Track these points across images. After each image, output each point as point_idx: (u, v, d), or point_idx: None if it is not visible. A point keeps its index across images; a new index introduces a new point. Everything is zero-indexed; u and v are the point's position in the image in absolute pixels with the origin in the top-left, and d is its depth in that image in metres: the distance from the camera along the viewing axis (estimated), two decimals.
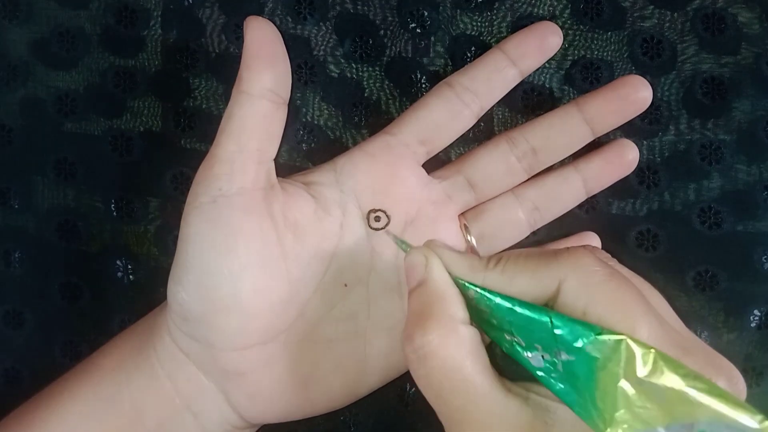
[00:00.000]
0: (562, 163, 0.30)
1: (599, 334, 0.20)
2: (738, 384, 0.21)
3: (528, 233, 0.30)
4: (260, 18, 0.26)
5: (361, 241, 0.28)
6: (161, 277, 0.27)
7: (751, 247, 0.31)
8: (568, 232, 0.31)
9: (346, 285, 0.28)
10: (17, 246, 0.34)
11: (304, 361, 0.28)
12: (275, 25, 0.29)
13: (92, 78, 0.32)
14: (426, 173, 0.29)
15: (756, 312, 0.31)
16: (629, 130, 0.30)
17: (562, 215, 0.30)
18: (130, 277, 0.33)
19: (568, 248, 0.22)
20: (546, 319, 0.21)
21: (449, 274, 0.23)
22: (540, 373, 0.22)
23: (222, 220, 0.26)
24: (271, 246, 0.27)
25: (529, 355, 0.22)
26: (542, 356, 0.21)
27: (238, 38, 0.31)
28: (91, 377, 0.28)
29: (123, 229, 0.33)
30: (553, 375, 0.21)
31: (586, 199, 0.30)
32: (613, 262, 0.23)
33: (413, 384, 0.32)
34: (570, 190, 0.30)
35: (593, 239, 0.30)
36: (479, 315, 0.23)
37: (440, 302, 0.23)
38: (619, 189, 0.30)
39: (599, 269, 0.21)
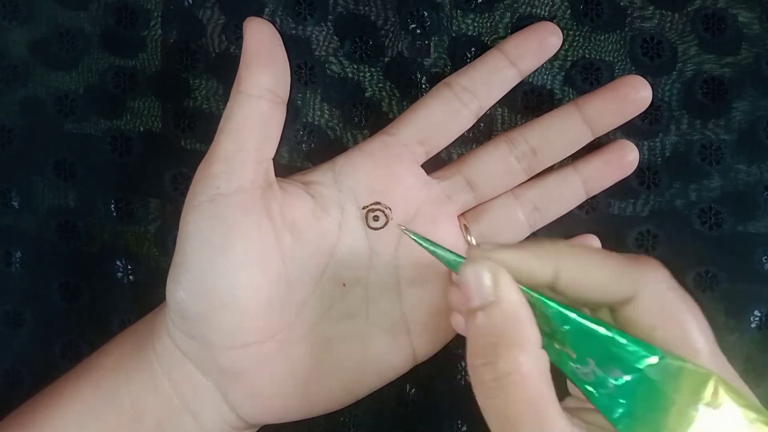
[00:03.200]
0: (562, 164, 0.30)
1: (662, 357, 0.20)
2: None
3: (528, 234, 0.30)
4: (259, 19, 0.27)
5: (359, 241, 0.28)
6: (161, 277, 0.27)
7: (752, 248, 0.31)
8: (568, 232, 0.31)
9: (344, 285, 0.28)
10: (17, 246, 0.34)
11: (303, 360, 0.28)
12: (276, 25, 0.29)
13: (92, 78, 0.32)
14: (425, 173, 0.29)
15: (756, 312, 0.31)
16: (630, 130, 0.30)
17: (562, 216, 0.30)
18: (130, 277, 0.33)
19: (643, 258, 0.21)
20: (608, 334, 0.20)
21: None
22: (588, 387, 0.21)
23: (220, 218, 0.26)
24: (268, 245, 0.27)
25: (578, 367, 0.21)
26: (593, 371, 0.21)
27: (239, 39, 0.31)
28: (91, 377, 0.29)
29: (123, 230, 0.33)
30: (601, 390, 0.21)
31: (587, 200, 0.30)
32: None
33: (413, 385, 0.32)
34: (570, 191, 0.30)
35: (593, 243, 0.30)
36: None
37: (519, 325, 0.21)
38: (620, 189, 0.30)
39: (675, 289, 0.21)
